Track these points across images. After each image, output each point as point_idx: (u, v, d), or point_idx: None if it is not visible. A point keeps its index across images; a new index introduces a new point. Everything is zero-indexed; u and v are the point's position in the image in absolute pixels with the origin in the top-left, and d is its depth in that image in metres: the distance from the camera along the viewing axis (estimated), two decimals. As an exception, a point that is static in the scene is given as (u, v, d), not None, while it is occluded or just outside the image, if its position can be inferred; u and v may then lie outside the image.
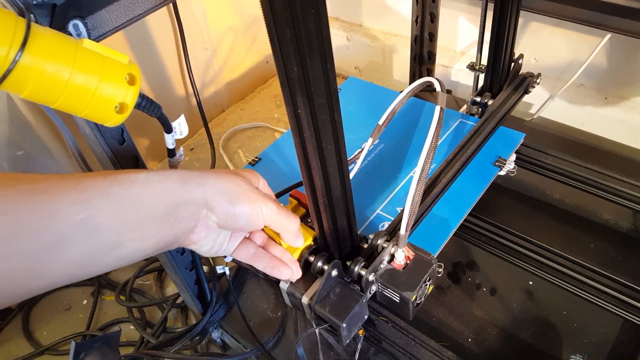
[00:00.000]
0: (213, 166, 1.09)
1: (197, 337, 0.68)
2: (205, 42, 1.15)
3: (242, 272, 0.72)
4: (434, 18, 0.86)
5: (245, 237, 0.48)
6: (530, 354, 0.63)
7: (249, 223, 0.41)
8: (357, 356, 0.57)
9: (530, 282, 0.69)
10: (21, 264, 0.28)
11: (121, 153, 0.47)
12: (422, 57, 0.93)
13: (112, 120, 0.36)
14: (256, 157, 0.80)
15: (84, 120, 0.42)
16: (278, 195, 0.67)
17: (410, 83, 0.96)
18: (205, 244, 0.42)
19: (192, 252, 0.61)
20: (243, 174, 0.44)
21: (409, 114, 0.82)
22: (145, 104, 0.40)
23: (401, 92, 0.67)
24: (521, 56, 0.80)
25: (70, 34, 0.37)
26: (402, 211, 0.53)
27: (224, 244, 0.45)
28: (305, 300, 0.52)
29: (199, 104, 1.10)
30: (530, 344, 0.63)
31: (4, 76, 0.29)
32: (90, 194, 0.31)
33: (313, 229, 0.54)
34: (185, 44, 1.06)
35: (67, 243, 0.30)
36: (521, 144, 0.75)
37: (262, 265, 0.48)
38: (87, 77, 0.33)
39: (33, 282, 0.30)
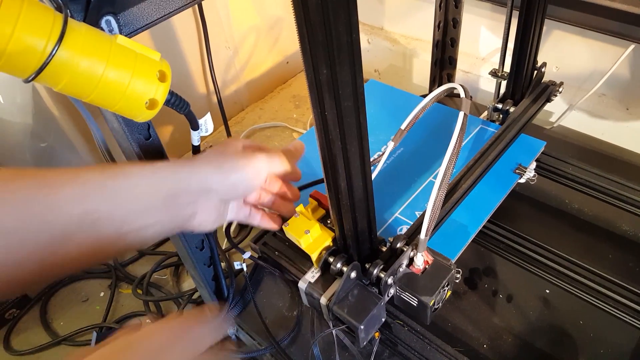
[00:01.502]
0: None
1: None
2: (227, 41, 1.17)
3: (259, 270, 0.73)
4: (456, 24, 0.86)
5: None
6: (547, 362, 0.62)
7: (248, 186, 0.44)
8: (372, 359, 0.58)
9: (547, 291, 0.69)
10: (33, 254, 0.30)
11: (147, 148, 0.47)
12: (443, 62, 0.93)
13: (142, 115, 0.37)
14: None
15: (112, 115, 0.43)
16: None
17: (430, 87, 0.97)
18: (207, 225, 0.43)
19: (211, 249, 0.61)
20: (225, 143, 0.46)
21: (428, 119, 0.82)
22: (174, 100, 0.40)
23: (423, 96, 0.68)
24: (544, 64, 0.79)
25: (102, 30, 0.38)
26: (422, 215, 0.53)
27: (225, 214, 0.47)
28: (323, 300, 0.52)
29: (220, 102, 1.11)
30: (546, 352, 0.63)
31: (41, 69, 0.30)
32: (88, 188, 0.33)
33: (332, 230, 0.55)
34: (209, 42, 1.07)
35: (72, 235, 0.31)
36: (541, 153, 0.75)
37: (257, 221, 0.53)
38: (120, 72, 0.34)
39: (44, 271, 0.31)
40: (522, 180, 0.71)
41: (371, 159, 0.66)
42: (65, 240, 0.31)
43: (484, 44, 1.08)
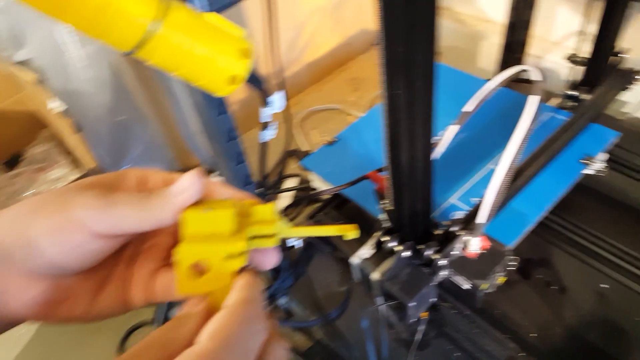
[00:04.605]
0: (288, 146, 1.11)
1: (266, 302, 0.71)
2: (292, 22, 1.17)
3: (311, 246, 0.75)
4: (532, 5, 0.82)
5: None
6: (596, 356, 0.61)
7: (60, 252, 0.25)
8: (418, 337, 0.59)
9: (604, 285, 0.67)
10: None
11: (220, 122, 0.50)
12: (514, 45, 0.89)
13: (224, 91, 0.38)
14: (334, 138, 0.81)
15: (194, 90, 0.45)
16: (354, 183, 0.66)
17: (499, 72, 0.94)
18: (28, 313, 0.27)
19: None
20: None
21: (493, 104, 0.80)
22: (252, 77, 0.42)
23: (489, 80, 0.66)
24: (624, 50, 0.75)
25: (193, 6, 0.39)
26: (481, 200, 0.53)
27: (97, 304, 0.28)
28: (375, 276, 0.53)
29: (282, 82, 1.13)
30: (598, 346, 0.62)
31: (141, 43, 0.32)
32: None
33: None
34: (275, 23, 1.08)
35: None
36: (614, 145, 0.71)
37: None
38: (209, 49, 0.35)
39: None
40: (589, 171, 0.68)
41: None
42: None
43: (558, 27, 1.03)
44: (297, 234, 0.28)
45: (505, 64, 0.92)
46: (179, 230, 0.26)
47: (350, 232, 0.28)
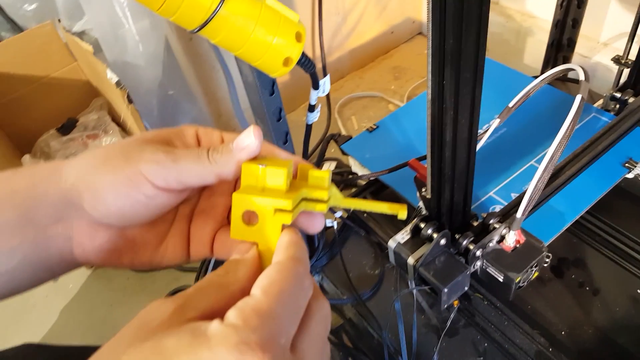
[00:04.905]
0: (327, 131, 1.14)
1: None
2: (338, 7, 1.19)
3: (347, 228, 0.77)
4: (581, 3, 0.81)
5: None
6: (625, 359, 0.61)
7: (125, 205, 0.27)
8: (448, 324, 0.60)
9: (639, 291, 0.67)
10: None
11: (270, 102, 0.52)
12: (561, 44, 0.89)
13: (278, 72, 0.41)
14: (374, 125, 0.83)
15: (249, 69, 0.47)
16: (395, 169, 0.67)
17: (543, 69, 0.93)
18: (95, 258, 0.29)
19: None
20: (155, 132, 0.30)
21: (538, 102, 0.80)
22: (304, 60, 0.44)
23: (534, 77, 0.66)
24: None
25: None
26: (521, 195, 0.54)
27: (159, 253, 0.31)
28: (411, 261, 0.55)
29: (324, 67, 1.14)
30: (628, 350, 0.62)
31: (206, 23, 0.35)
32: None
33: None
34: (322, 8, 1.10)
35: None
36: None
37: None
38: (267, 31, 0.38)
39: None
40: (631, 176, 0.68)
41: (473, 135, 0.67)
42: None
43: (608, 27, 1.01)
44: (348, 205, 0.29)
45: (550, 61, 0.91)
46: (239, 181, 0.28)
47: (400, 211, 0.29)
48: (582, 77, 0.51)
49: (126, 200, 0.26)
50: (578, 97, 0.49)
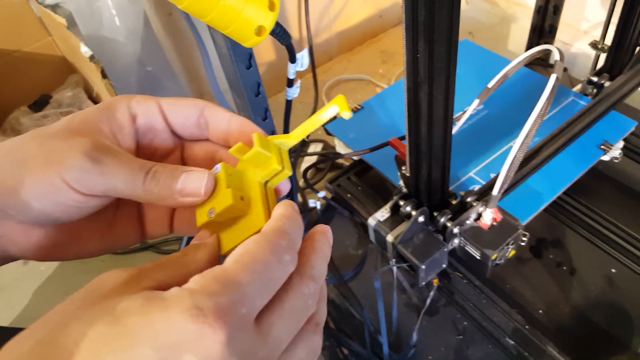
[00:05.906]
0: (314, 110, 1.14)
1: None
2: (325, -12, 1.18)
3: (331, 209, 0.77)
4: (561, -10, 0.82)
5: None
6: (600, 336, 0.63)
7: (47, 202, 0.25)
8: (428, 302, 0.61)
9: (613, 270, 0.68)
10: None
11: (247, 76, 0.52)
12: (543, 30, 0.89)
13: (251, 41, 0.41)
14: (358, 105, 0.83)
15: (222, 40, 0.47)
16: (376, 148, 0.68)
17: (525, 54, 0.94)
18: (30, 254, 0.27)
19: (291, 180, 0.66)
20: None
21: (517, 84, 0.81)
22: (279, 31, 0.44)
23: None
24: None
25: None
26: (497, 175, 0.55)
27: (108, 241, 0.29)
28: (390, 238, 0.56)
29: (311, 49, 1.14)
30: (602, 328, 0.64)
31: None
32: None
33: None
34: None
35: None
36: (630, 133, 0.72)
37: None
38: None
39: None
40: (606, 158, 0.69)
41: (455, 116, 0.67)
42: None
43: (587, 15, 1.02)
44: (298, 137, 0.28)
45: (531, 47, 0.92)
46: None
47: (335, 103, 0.27)
48: (557, 57, 0.52)
49: (55, 206, 0.24)
50: (553, 77, 0.49)
